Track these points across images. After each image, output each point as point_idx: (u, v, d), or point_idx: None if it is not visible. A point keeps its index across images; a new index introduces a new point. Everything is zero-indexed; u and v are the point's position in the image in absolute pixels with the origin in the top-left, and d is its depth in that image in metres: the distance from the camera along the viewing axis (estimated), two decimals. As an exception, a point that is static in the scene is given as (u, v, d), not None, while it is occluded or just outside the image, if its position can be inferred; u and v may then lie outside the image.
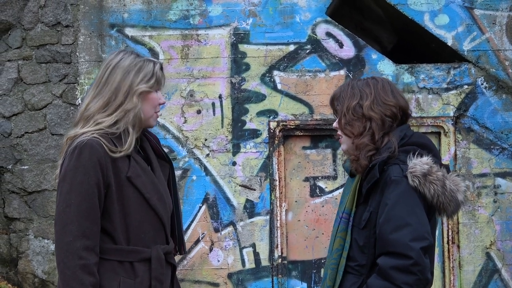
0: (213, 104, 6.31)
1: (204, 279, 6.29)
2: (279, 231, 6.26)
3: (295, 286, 6.37)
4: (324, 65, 6.33)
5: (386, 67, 6.33)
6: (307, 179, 6.41)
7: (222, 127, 6.30)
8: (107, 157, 2.73)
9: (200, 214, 6.30)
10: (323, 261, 6.24)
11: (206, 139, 6.29)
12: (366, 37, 7.21)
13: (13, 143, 6.32)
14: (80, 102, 6.22)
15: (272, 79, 6.31)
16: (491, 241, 6.30)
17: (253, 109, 6.31)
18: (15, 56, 6.34)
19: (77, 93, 6.29)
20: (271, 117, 6.31)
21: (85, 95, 6.04)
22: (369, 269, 2.78)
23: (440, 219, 2.96)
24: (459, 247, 6.27)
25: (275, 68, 6.32)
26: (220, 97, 6.31)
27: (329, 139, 6.36)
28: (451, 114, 6.31)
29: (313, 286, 6.35)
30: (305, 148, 6.43)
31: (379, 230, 2.70)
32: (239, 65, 6.30)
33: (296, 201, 6.38)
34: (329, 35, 6.33)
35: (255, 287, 6.28)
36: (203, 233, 6.29)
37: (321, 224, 6.36)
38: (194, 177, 6.30)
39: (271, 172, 6.28)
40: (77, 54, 6.30)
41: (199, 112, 6.30)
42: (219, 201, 6.30)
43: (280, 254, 6.26)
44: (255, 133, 6.30)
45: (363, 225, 2.78)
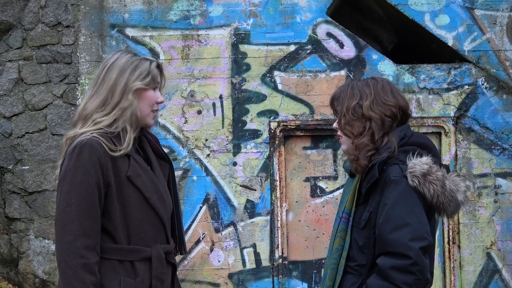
0: (214, 104, 6.31)
1: (204, 279, 6.29)
2: (279, 231, 6.26)
3: (296, 286, 6.36)
4: (324, 65, 6.33)
5: (386, 67, 6.33)
6: (307, 179, 6.41)
7: (222, 127, 6.30)
8: (107, 156, 2.73)
9: (200, 214, 6.30)
10: (323, 261, 6.23)
11: (206, 140, 6.29)
12: (366, 37, 7.21)
13: (13, 143, 6.32)
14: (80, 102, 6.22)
15: (272, 80, 6.31)
16: (492, 241, 6.30)
17: (254, 109, 6.31)
18: (15, 56, 6.34)
19: (77, 93, 6.29)
20: (272, 118, 6.31)
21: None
22: (369, 269, 2.78)
23: (440, 219, 2.96)
24: (459, 247, 6.27)
25: (275, 68, 6.32)
26: (220, 97, 6.31)
27: (330, 139, 6.36)
28: (452, 114, 6.31)
29: (313, 286, 6.35)
30: (305, 148, 6.42)
31: (378, 230, 2.70)
32: (239, 65, 6.30)
33: (296, 201, 6.38)
34: (329, 35, 6.33)
35: (255, 287, 6.28)
36: (204, 234, 6.29)
37: (322, 224, 6.36)
38: (194, 178, 6.30)
39: (271, 172, 6.28)
40: (78, 54, 6.30)
41: (199, 112, 6.30)
42: (220, 202, 6.30)
43: (280, 254, 6.26)
44: (255, 134, 6.30)
45: (363, 225, 2.79)
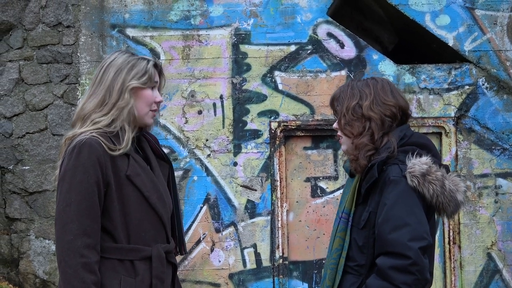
0: (214, 104, 6.31)
1: (205, 279, 6.29)
2: (280, 232, 6.26)
3: (296, 286, 6.36)
4: (325, 66, 6.32)
5: (387, 67, 6.32)
6: (308, 180, 6.41)
7: (223, 127, 6.30)
8: (106, 155, 2.73)
9: (201, 214, 6.30)
10: (324, 261, 6.22)
11: (207, 140, 6.29)
12: (367, 37, 7.21)
13: (14, 144, 6.32)
14: (81, 102, 6.22)
15: (273, 80, 6.31)
16: (492, 242, 6.29)
17: (254, 109, 6.31)
18: (16, 56, 6.34)
19: (78, 93, 6.29)
20: (272, 118, 6.31)
21: (86, 95, 6.04)
22: (368, 269, 2.78)
23: (441, 219, 2.96)
24: (460, 247, 6.26)
25: (276, 68, 6.32)
26: (221, 97, 6.31)
27: (330, 140, 6.35)
28: (452, 114, 6.30)
29: (314, 286, 6.35)
30: (306, 148, 6.42)
31: (378, 230, 2.70)
32: (240, 65, 6.30)
33: (297, 202, 6.38)
34: (330, 35, 6.33)
35: (256, 287, 6.28)
36: (204, 234, 6.29)
37: (322, 224, 6.36)
38: (195, 178, 6.30)
39: (272, 172, 6.28)
40: (78, 54, 6.30)
41: (200, 112, 6.30)
42: (220, 202, 6.29)
43: (281, 254, 6.26)
44: (256, 134, 6.30)
45: (362, 225, 2.79)
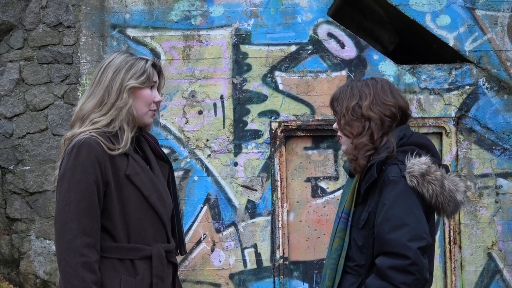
0: (215, 104, 6.31)
1: (205, 279, 6.29)
2: (280, 232, 6.26)
3: (297, 286, 6.36)
4: (325, 66, 6.32)
5: (387, 67, 6.32)
6: (308, 180, 6.41)
7: (223, 127, 6.30)
8: (106, 155, 2.74)
9: (201, 214, 6.30)
10: (324, 261, 6.22)
11: (207, 140, 6.29)
12: (367, 37, 7.21)
13: (14, 144, 6.33)
14: (81, 102, 6.22)
15: (273, 80, 6.31)
16: (493, 242, 6.29)
17: (255, 109, 6.31)
18: (16, 56, 6.34)
19: (78, 93, 6.30)
20: (273, 118, 6.31)
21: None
22: (368, 269, 2.78)
23: (441, 219, 2.96)
24: (460, 247, 6.26)
25: (276, 68, 6.32)
26: (221, 97, 6.31)
27: (331, 140, 6.35)
28: (453, 114, 6.30)
29: (314, 286, 6.35)
30: (306, 148, 6.42)
31: (377, 230, 2.70)
32: (240, 65, 6.31)
33: (297, 202, 6.38)
34: (330, 35, 6.33)
35: (256, 287, 6.28)
36: (205, 234, 6.29)
37: (323, 224, 6.36)
38: (195, 178, 6.30)
39: (272, 172, 6.28)
40: (79, 54, 6.30)
41: (200, 112, 6.30)
42: (221, 202, 6.29)
43: (281, 254, 6.26)
44: (256, 134, 6.30)
45: (362, 225, 2.79)
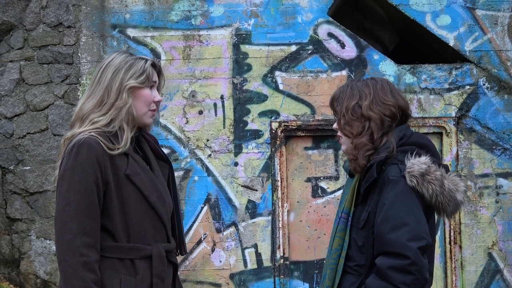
0: (215, 104, 6.31)
1: (206, 279, 6.29)
2: (281, 232, 6.26)
3: (297, 286, 6.36)
4: (326, 66, 6.32)
5: (388, 67, 6.32)
6: (309, 180, 6.41)
7: (224, 127, 6.30)
8: (105, 155, 2.74)
9: (202, 214, 6.30)
10: (325, 261, 6.22)
11: (208, 140, 6.29)
12: (367, 37, 7.21)
13: (15, 144, 6.33)
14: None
15: (274, 80, 6.31)
16: (493, 242, 6.29)
17: (255, 109, 6.31)
18: (17, 56, 6.35)
19: (79, 93, 6.30)
20: (273, 118, 6.31)
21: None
22: (368, 269, 2.78)
23: (442, 219, 2.96)
24: (461, 247, 6.26)
25: (277, 68, 6.32)
26: (222, 97, 6.31)
27: (331, 140, 6.35)
28: (453, 114, 6.30)
29: (315, 286, 6.35)
30: (307, 148, 6.42)
31: (377, 230, 2.70)
32: (241, 65, 6.30)
33: (298, 202, 6.38)
34: (331, 35, 6.33)
35: (257, 287, 6.28)
36: (205, 234, 6.29)
37: (323, 224, 6.36)
38: (196, 178, 6.30)
39: (273, 172, 6.28)
40: (79, 54, 6.30)
41: (201, 112, 6.30)
42: (221, 202, 6.29)
43: (282, 254, 6.26)
44: (257, 134, 6.30)
45: (362, 225, 2.79)
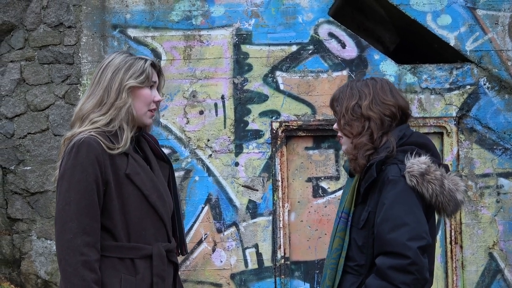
0: (216, 104, 6.31)
1: (207, 279, 6.29)
2: (281, 232, 6.26)
3: (298, 286, 6.36)
4: (326, 66, 6.32)
5: (388, 67, 6.32)
6: (309, 180, 6.41)
7: (224, 127, 6.30)
8: (105, 154, 2.74)
9: (202, 214, 6.30)
10: (325, 261, 6.22)
11: (208, 140, 6.29)
12: (368, 37, 7.20)
13: (15, 144, 6.33)
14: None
15: (274, 80, 6.31)
16: (494, 241, 6.29)
17: (256, 109, 6.31)
18: (17, 57, 6.35)
19: (79, 94, 6.30)
20: (274, 118, 6.31)
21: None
22: (368, 269, 2.78)
23: (442, 219, 2.95)
24: (462, 247, 6.26)
25: (277, 68, 6.32)
26: (222, 97, 6.31)
27: (332, 140, 6.35)
28: (454, 114, 6.30)
29: (316, 286, 6.35)
30: (307, 148, 6.42)
31: (377, 229, 2.70)
32: (241, 65, 6.31)
33: (298, 202, 6.38)
34: (331, 35, 6.33)
35: (257, 287, 6.28)
36: (206, 234, 6.29)
37: (324, 224, 6.36)
38: (196, 178, 6.30)
39: (273, 172, 6.28)
40: (80, 55, 6.31)
41: (201, 112, 6.30)
42: (222, 202, 6.30)
43: (282, 254, 6.26)
44: (257, 134, 6.30)
45: (362, 225, 2.79)
